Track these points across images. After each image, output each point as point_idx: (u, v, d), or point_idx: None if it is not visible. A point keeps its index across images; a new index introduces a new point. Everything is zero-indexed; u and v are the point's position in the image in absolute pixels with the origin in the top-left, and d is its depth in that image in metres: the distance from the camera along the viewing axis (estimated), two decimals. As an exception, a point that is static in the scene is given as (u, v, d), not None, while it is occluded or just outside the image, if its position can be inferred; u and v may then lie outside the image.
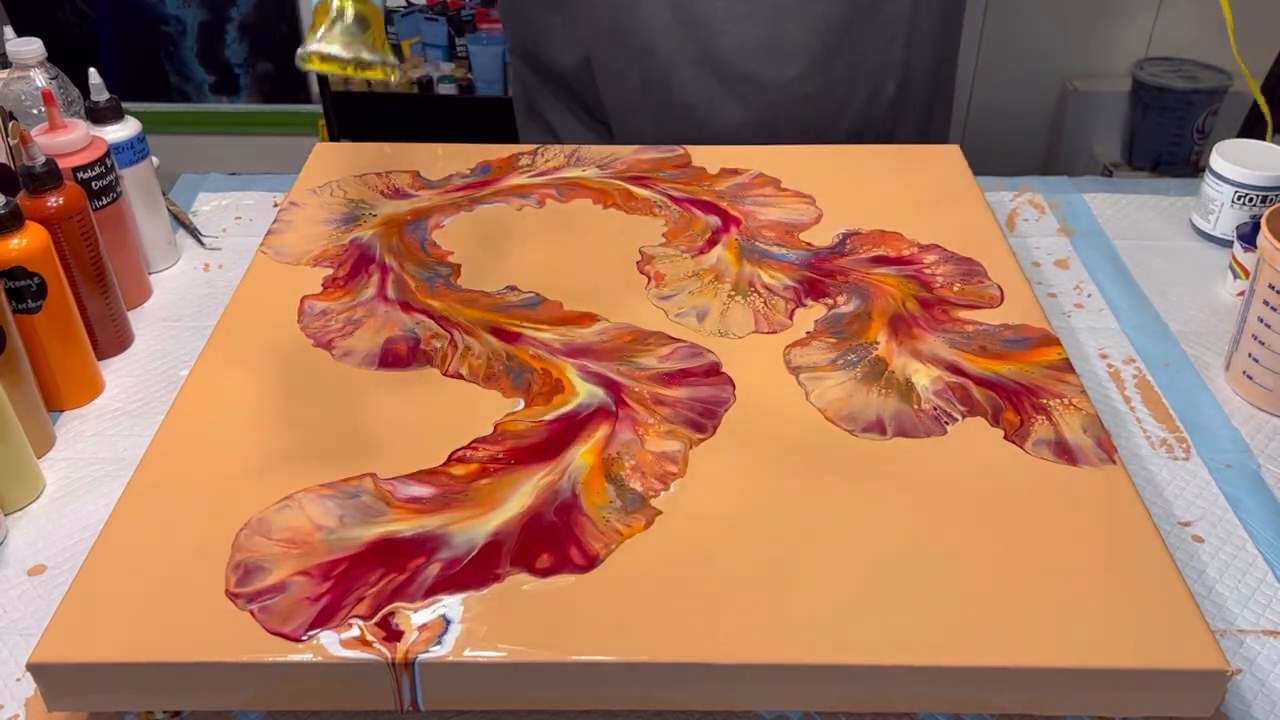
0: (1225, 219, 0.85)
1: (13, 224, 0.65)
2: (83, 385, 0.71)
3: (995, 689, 0.48)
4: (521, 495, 0.55)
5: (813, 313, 0.69)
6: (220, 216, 0.92)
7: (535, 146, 0.89)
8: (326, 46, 0.54)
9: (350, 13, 0.54)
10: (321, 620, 0.49)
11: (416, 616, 0.49)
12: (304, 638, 0.48)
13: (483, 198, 0.82)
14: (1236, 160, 0.83)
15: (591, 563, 0.52)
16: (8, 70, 0.82)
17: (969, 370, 0.64)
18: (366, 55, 0.54)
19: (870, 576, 0.51)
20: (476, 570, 0.51)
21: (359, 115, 2.14)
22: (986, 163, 0.92)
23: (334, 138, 2.13)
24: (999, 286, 0.71)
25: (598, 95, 0.94)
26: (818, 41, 0.88)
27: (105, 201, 0.76)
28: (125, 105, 0.81)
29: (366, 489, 0.56)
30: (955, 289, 0.71)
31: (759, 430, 0.60)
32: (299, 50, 0.54)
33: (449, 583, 0.50)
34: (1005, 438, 0.59)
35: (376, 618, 0.49)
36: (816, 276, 0.72)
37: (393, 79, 0.56)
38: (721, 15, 0.86)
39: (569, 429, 0.59)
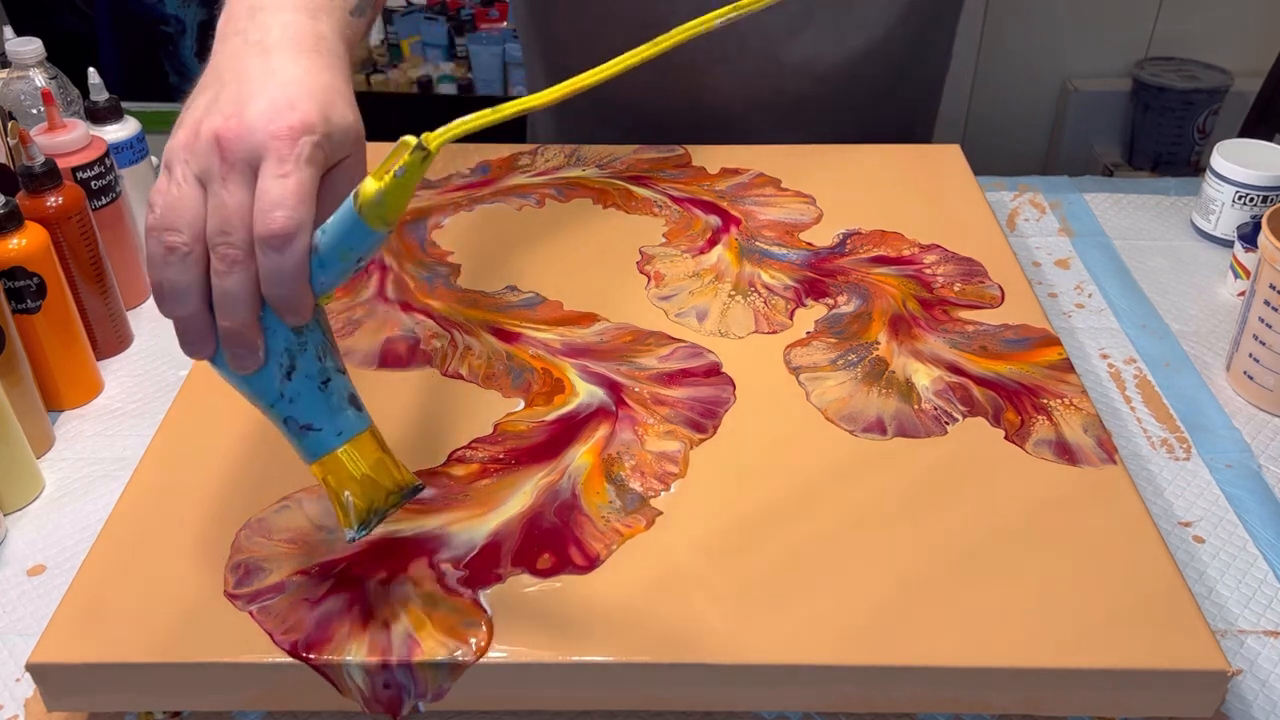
0: (1226, 219, 0.84)
1: (12, 224, 0.65)
2: (82, 385, 0.71)
3: (995, 689, 0.48)
4: (521, 495, 0.55)
5: (813, 313, 0.69)
6: (220, 216, 0.91)
7: (535, 146, 0.89)
8: (366, 528, 0.47)
9: (350, 501, 0.47)
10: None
11: (416, 617, 0.49)
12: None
13: (482, 198, 0.82)
14: (1237, 160, 0.83)
15: (592, 563, 0.51)
16: (7, 70, 0.83)
17: (969, 370, 0.63)
18: (395, 499, 0.47)
19: (870, 576, 0.51)
20: (476, 570, 0.51)
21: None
22: (986, 163, 0.92)
23: (334, 138, 2.12)
24: (999, 286, 0.71)
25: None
26: (825, 89, 0.90)
27: (105, 201, 0.76)
28: (125, 105, 0.81)
29: (366, 489, 0.55)
30: (956, 289, 0.71)
31: (759, 430, 0.60)
32: (348, 537, 0.47)
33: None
34: (1006, 438, 0.59)
35: (376, 619, 0.49)
36: (817, 276, 0.72)
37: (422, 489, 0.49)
38: (739, 120, 0.89)
39: (569, 429, 0.59)
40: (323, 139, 0.44)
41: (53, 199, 0.69)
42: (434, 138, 0.40)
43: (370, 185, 0.41)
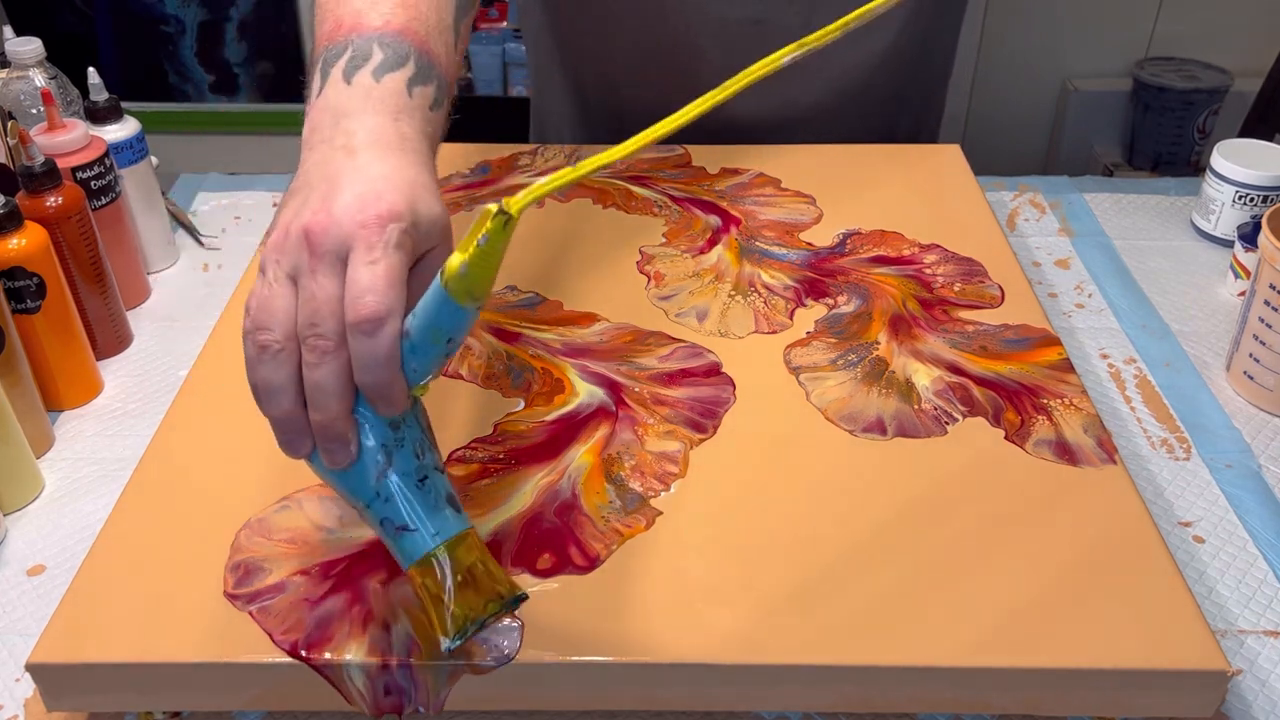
0: (1226, 219, 0.84)
1: (12, 224, 0.65)
2: (82, 385, 0.71)
3: (995, 689, 0.48)
4: (521, 495, 0.55)
5: (813, 313, 0.69)
6: (219, 216, 0.92)
7: (535, 146, 0.89)
8: (463, 637, 0.43)
9: (447, 607, 0.43)
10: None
11: (416, 617, 0.49)
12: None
13: (482, 198, 0.82)
14: (1237, 160, 0.83)
15: (592, 563, 0.51)
16: (7, 70, 0.83)
17: (969, 370, 0.63)
18: (495, 608, 0.44)
19: (870, 577, 0.51)
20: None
21: (359, 115, 2.13)
22: (986, 163, 0.92)
23: (334, 138, 2.12)
24: (999, 286, 0.71)
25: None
26: (832, 99, 0.90)
27: (104, 201, 0.76)
28: (124, 105, 0.81)
29: (366, 489, 0.55)
30: (956, 289, 0.71)
31: (759, 430, 0.60)
32: (444, 647, 0.43)
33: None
34: (1006, 438, 0.59)
35: (376, 619, 0.49)
36: (817, 276, 0.72)
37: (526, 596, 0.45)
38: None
39: (569, 429, 0.59)
40: (410, 227, 0.44)
41: (52, 199, 0.69)
42: (514, 203, 0.39)
43: (455, 259, 0.41)
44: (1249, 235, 0.78)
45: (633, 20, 0.86)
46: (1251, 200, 0.83)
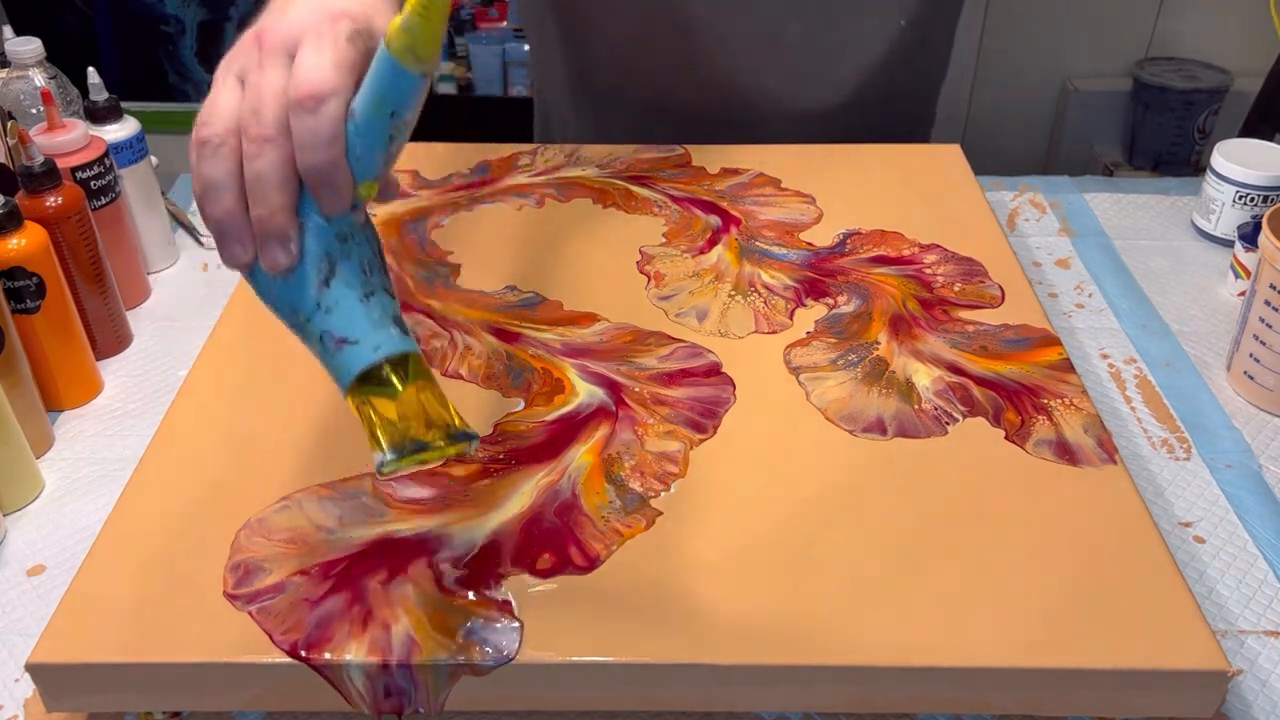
0: (1226, 219, 0.84)
1: (11, 224, 0.65)
2: (82, 385, 0.71)
3: (995, 689, 0.48)
4: (521, 495, 0.55)
5: (813, 313, 0.69)
6: (220, 216, 0.91)
7: (535, 146, 0.89)
8: (400, 454, 0.42)
9: (385, 421, 0.42)
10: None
11: (416, 617, 0.49)
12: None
13: (482, 197, 0.82)
14: (1238, 160, 0.83)
15: (592, 563, 0.51)
16: (7, 70, 0.83)
17: (970, 370, 0.63)
18: (439, 437, 0.42)
19: (870, 577, 0.51)
20: (476, 571, 0.51)
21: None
22: (986, 163, 0.92)
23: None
24: (1000, 286, 0.71)
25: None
26: (832, 99, 0.91)
27: (104, 201, 0.76)
28: (124, 105, 0.81)
29: (366, 489, 0.56)
30: (956, 289, 0.71)
31: (759, 430, 0.60)
32: (378, 461, 0.42)
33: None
34: (1006, 438, 0.59)
35: (376, 619, 0.49)
36: (817, 276, 0.72)
37: (473, 449, 0.44)
38: (752, 83, 0.88)
39: (569, 429, 0.59)
40: (364, 28, 0.43)
41: (52, 199, 0.69)
42: None
43: (397, 18, 0.40)
44: (1249, 235, 0.77)
45: None
46: (1252, 200, 0.83)
